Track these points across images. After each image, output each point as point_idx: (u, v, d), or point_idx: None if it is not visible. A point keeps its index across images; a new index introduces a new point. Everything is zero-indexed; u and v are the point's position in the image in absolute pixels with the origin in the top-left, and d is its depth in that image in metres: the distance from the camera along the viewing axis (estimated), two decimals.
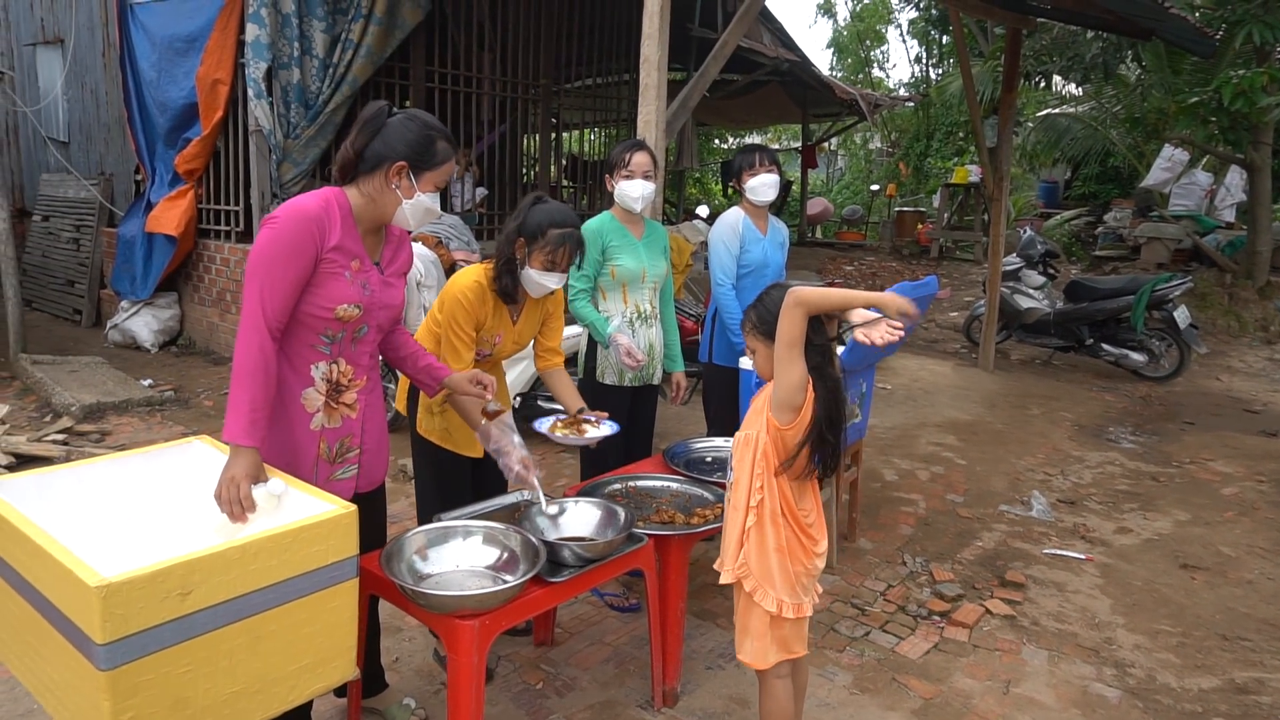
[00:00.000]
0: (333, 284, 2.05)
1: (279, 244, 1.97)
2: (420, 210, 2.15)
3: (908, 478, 5.05)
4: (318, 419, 2.16)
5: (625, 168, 3.23)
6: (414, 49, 7.45)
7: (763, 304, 2.24)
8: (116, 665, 1.46)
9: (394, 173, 2.09)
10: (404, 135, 2.09)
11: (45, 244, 9.26)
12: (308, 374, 2.13)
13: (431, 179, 2.13)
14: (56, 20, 9.15)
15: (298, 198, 2.06)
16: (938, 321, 9.81)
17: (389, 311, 2.24)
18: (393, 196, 2.11)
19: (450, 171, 2.20)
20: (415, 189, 2.11)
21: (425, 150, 2.10)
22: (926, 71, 21.26)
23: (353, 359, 2.19)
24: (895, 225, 14.01)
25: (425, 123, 2.14)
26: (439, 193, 2.19)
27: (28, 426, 5.24)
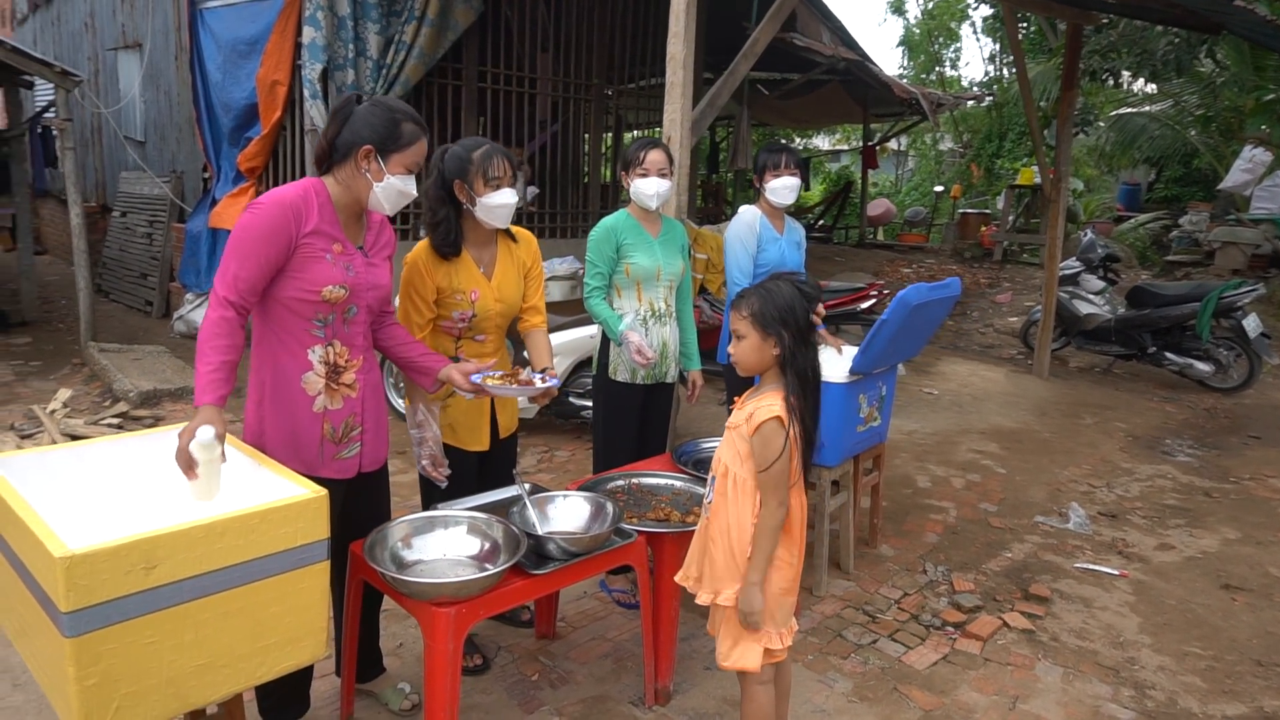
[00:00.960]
0: (315, 267, 2.12)
1: (256, 227, 2.05)
2: (392, 192, 2.19)
3: (941, 485, 4.93)
4: (320, 401, 2.23)
5: (640, 166, 3.23)
6: (467, 50, 7.57)
7: (766, 295, 2.16)
8: (80, 633, 1.54)
9: (362, 157, 2.15)
10: (369, 120, 2.15)
11: (123, 238, 9.71)
12: (305, 358, 2.20)
13: (400, 160, 2.17)
14: (135, 25, 9.58)
15: (279, 187, 2.14)
16: (995, 326, 9.55)
17: (376, 292, 2.29)
18: (364, 181, 2.16)
19: (421, 153, 2.22)
20: (384, 171, 2.16)
21: (391, 133, 2.15)
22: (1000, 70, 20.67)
23: (347, 340, 2.25)
24: (958, 227, 13.67)
25: (390, 107, 2.19)
26: (412, 175, 2.22)
27: (88, 410, 5.51)
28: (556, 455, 5.13)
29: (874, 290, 6.52)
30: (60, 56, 11.59)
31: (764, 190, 3.66)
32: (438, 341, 2.76)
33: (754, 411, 2.12)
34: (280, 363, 2.19)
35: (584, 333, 5.05)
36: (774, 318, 2.12)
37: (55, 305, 9.17)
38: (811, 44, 9.46)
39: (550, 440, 5.38)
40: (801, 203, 17.93)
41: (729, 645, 2.23)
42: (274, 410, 2.21)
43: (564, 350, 5.10)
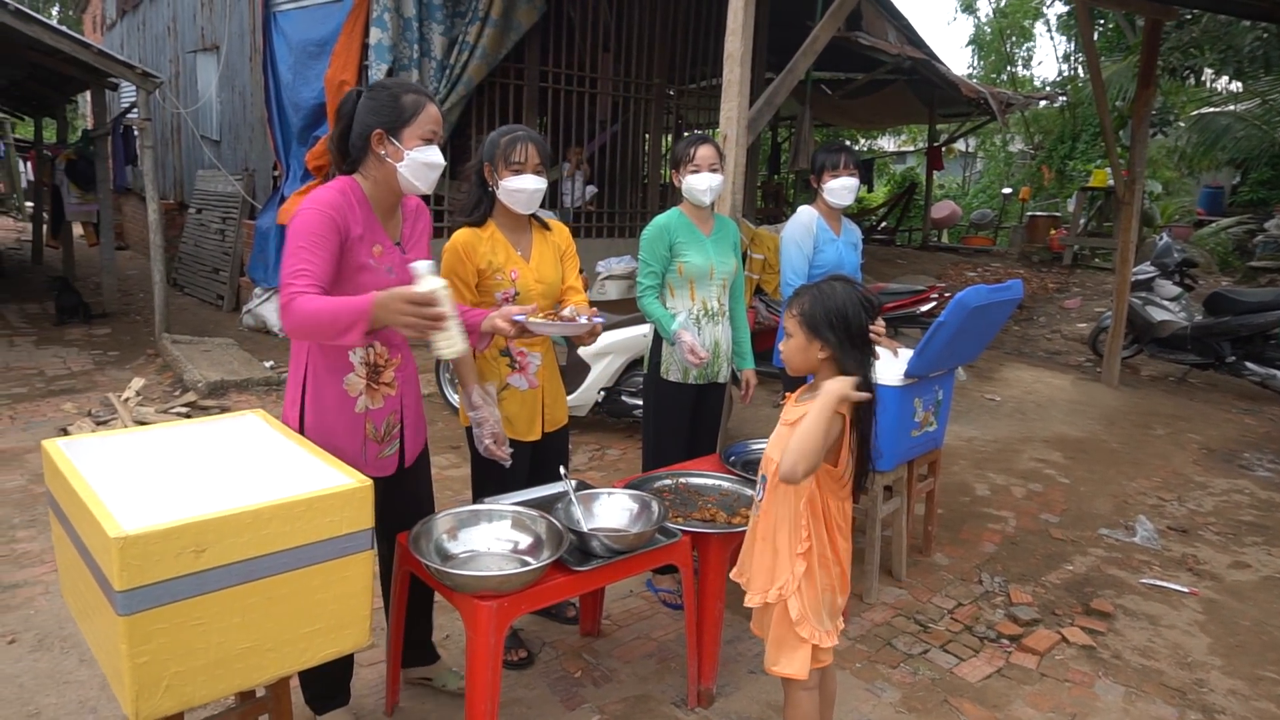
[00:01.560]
0: (359, 275, 2.14)
1: (315, 221, 2.06)
2: (417, 166, 2.15)
3: (1001, 493, 4.80)
4: (361, 401, 2.25)
5: (691, 162, 3.21)
6: (529, 49, 7.65)
7: (818, 296, 2.09)
8: (133, 611, 1.58)
9: (377, 143, 2.14)
10: (370, 107, 2.15)
11: (198, 234, 10.05)
12: (346, 360, 2.22)
13: (414, 132, 2.13)
14: (214, 28, 9.91)
15: (319, 189, 2.14)
16: (1063, 332, 9.26)
17: None
18: (388, 166, 2.15)
19: (434, 118, 2.16)
20: (401, 149, 2.13)
21: (392, 109, 2.13)
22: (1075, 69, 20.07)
23: (387, 340, 2.27)
24: (1026, 230, 13.30)
25: (384, 85, 2.18)
26: (432, 144, 2.16)
27: (159, 399, 5.71)
28: (608, 454, 5.14)
29: (934, 293, 6.38)
30: (144, 60, 12.07)
31: (822, 190, 3.61)
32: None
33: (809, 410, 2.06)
34: (321, 365, 2.20)
35: (637, 331, 5.05)
36: (822, 320, 2.06)
37: (134, 298, 9.54)
38: (877, 42, 9.32)
39: (602, 438, 5.39)
40: (864, 204, 17.68)
41: (775, 650, 2.19)
42: (315, 413, 2.22)
43: (617, 349, 5.11)
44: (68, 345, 7.34)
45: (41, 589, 3.26)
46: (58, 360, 6.79)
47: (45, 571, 3.39)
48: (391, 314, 1.91)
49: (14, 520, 3.85)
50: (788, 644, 2.17)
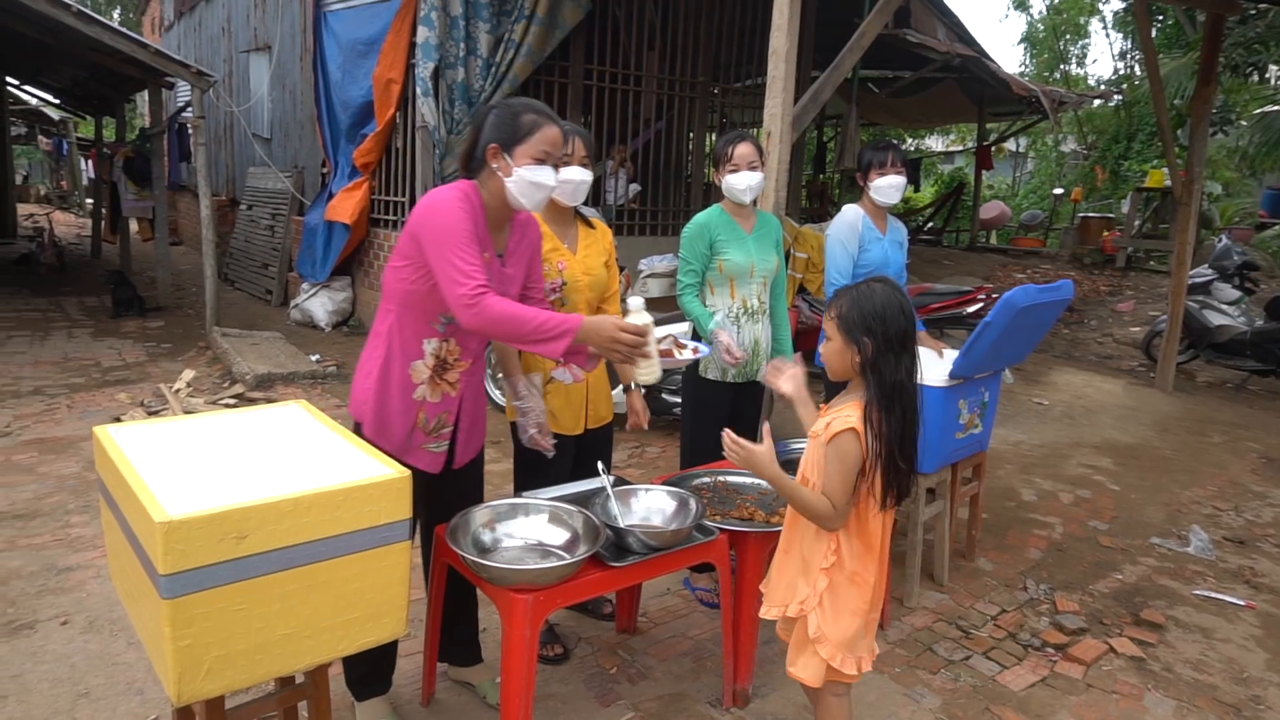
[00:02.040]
0: None
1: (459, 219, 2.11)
2: (524, 184, 2.18)
3: (1048, 499, 4.69)
4: (421, 390, 2.30)
5: (730, 161, 3.18)
6: (574, 47, 7.67)
7: (857, 298, 2.03)
8: (176, 595, 1.61)
9: (491, 157, 2.20)
10: (494, 121, 2.21)
11: (248, 230, 10.27)
12: (419, 348, 2.28)
13: (526, 151, 2.17)
14: (266, 28, 10.11)
15: (442, 188, 2.19)
16: (1115, 336, 9.04)
17: None
18: (498, 179, 2.20)
19: (550, 140, 2.20)
20: (511, 165, 2.18)
21: (511, 126, 2.18)
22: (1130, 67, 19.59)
23: (462, 341, 2.32)
24: (1078, 232, 13.00)
25: (510, 104, 2.23)
26: (544, 165, 2.19)
27: (208, 390, 5.84)
28: (647, 451, 5.13)
29: (982, 293, 6.26)
30: (199, 59, 12.35)
31: (868, 188, 3.56)
32: None
33: (832, 421, 2.01)
34: (396, 345, 2.28)
35: (677, 329, 5.03)
36: (858, 323, 1.99)
37: (186, 292, 9.77)
38: (925, 39, 9.18)
39: (641, 436, 5.38)
40: (911, 204, 17.44)
41: (795, 652, 2.14)
42: (380, 386, 2.30)
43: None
44: (123, 337, 7.54)
45: (93, 573, 3.35)
46: (113, 352, 6.98)
47: (97, 556, 3.48)
48: (602, 338, 2.06)
49: (69, 506, 3.96)
50: (807, 652, 2.10)
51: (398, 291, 2.26)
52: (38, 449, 4.67)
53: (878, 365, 1.98)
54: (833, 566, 2.05)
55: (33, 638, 2.88)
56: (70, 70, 10.13)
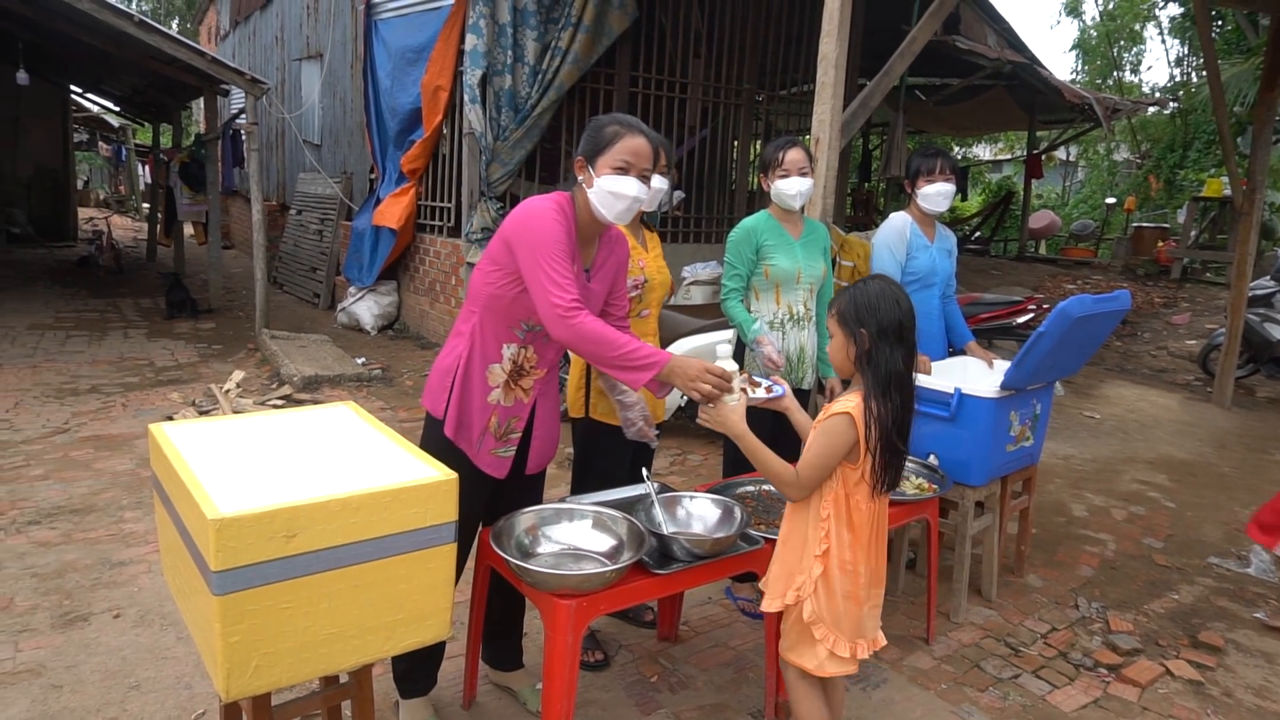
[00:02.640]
0: None
1: (556, 234, 2.13)
2: (604, 195, 2.19)
3: (1100, 515, 4.57)
4: (495, 394, 2.33)
5: (780, 166, 3.16)
6: (620, 54, 7.69)
7: (853, 292, 2.08)
8: (227, 592, 1.63)
9: (578, 170, 2.24)
10: (584, 136, 2.26)
11: (297, 234, 10.46)
12: (498, 352, 2.31)
13: (606, 162, 2.19)
14: (318, 37, 10.30)
15: (540, 198, 2.21)
16: (1169, 349, 8.80)
17: None
18: (584, 193, 2.23)
19: (633, 149, 2.19)
20: (594, 177, 2.19)
21: (594, 138, 2.22)
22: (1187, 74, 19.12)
23: (540, 350, 2.34)
24: (1131, 242, 12.71)
25: (598, 118, 2.27)
26: (625, 175, 2.19)
27: (257, 391, 5.94)
28: (689, 458, 5.10)
29: (1032, 304, 6.14)
30: (253, 67, 12.63)
31: (916, 196, 3.51)
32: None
33: (831, 406, 2.07)
34: (477, 346, 2.30)
35: (720, 336, 5.00)
36: (853, 315, 2.04)
37: (237, 295, 9.98)
38: (975, 46, 9.05)
39: (683, 443, 5.36)
40: (958, 213, 17.19)
41: (793, 639, 2.16)
42: (462, 386, 2.32)
43: (701, 354, 5.06)
44: (176, 338, 7.72)
45: (145, 568, 3.41)
46: (166, 352, 7.15)
47: (148, 551, 3.55)
48: (687, 377, 2.07)
49: (123, 501, 4.05)
50: (805, 639, 2.13)
51: (483, 294, 2.28)
52: (94, 445, 4.79)
53: (873, 355, 2.03)
54: (825, 553, 2.08)
55: (87, 630, 2.95)
56: (131, 78, 10.42)
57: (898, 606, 3.43)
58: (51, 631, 2.93)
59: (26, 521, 3.78)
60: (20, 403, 5.50)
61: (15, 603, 3.10)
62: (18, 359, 6.58)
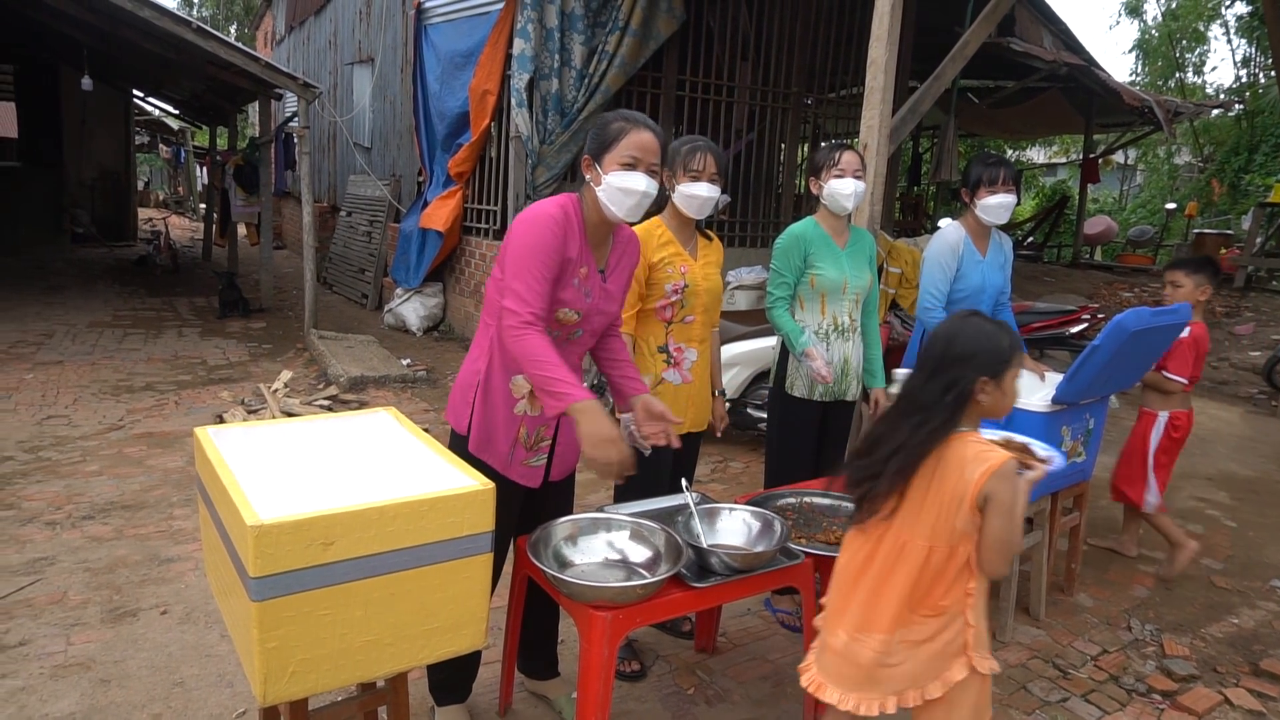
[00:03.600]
0: (562, 293, 2.19)
1: (541, 242, 2.11)
2: (613, 191, 2.16)
3: (1153, 533, 4.40)
4: (521, 405, 2.31)
5: (835, 166, 3.09)
6: (667, 58, 7.67)
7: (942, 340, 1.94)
8: (265, 598, 1.64)
9: (586, 169, 2.22)
10: (590, 135, 2.23)
11: (346, 236, 10.62)
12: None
13: (613, 158, 2.16)
14: (370, 41, 10.46)
15: (543, 202, 2.19)
16: (1231, 361, 8.51)
17: (604, 317, 2.35)
18: (593, 192, 2.21)
19: (638, 145, 2.16)
20: (601, 174, 2.17)
21: (600, 136, 2.19)
22: (1254, 75, 18.50)
23: (564, 356, 2.27)
24: (1192, 249, 12.32)
25: (605, 115, 2.24)
26: (634, 170, 2.16)
27: (304, 391, 6.04)
28: (731, 466, 5.06)
29: (1086, 313, 5.98)
30: (307, 71, 12.89)
31: (975, 206, 3.41)
32: (648, 328, 2.86)
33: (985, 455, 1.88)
34: (497, 359, 2.28)
35: (765, 343, 4.96)
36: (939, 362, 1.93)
37: (287, 295, 10.17)
38: (1030, 48, 8.86)
39: (725, 451, 5.32)
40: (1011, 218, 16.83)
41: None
42: (484, 401, 2.31)
43: (745, 360, 5.03)
44: (227, 337, 7.89)
45: (192, 565, 3.48)
46: (218, 351, 7.30)
47: (196, 549, 3.62)
48: (592, 434, 2.00)
49: (172, 499, 4.14)
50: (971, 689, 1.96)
51: (497, 304, 2.25)
52: (147, 443, 4.91)
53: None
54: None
55: (135, 625, 3.01)
56: (190, 83, 10.68)
57: None
58: (101, 626, 3.00)
59: (81, 516, 3.88)
60: (79, 399, 5.66)
61: (68, 596, 3.18)
62: (78, 356, 6.78)
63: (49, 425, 5.11)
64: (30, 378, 6.08)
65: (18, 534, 3.67)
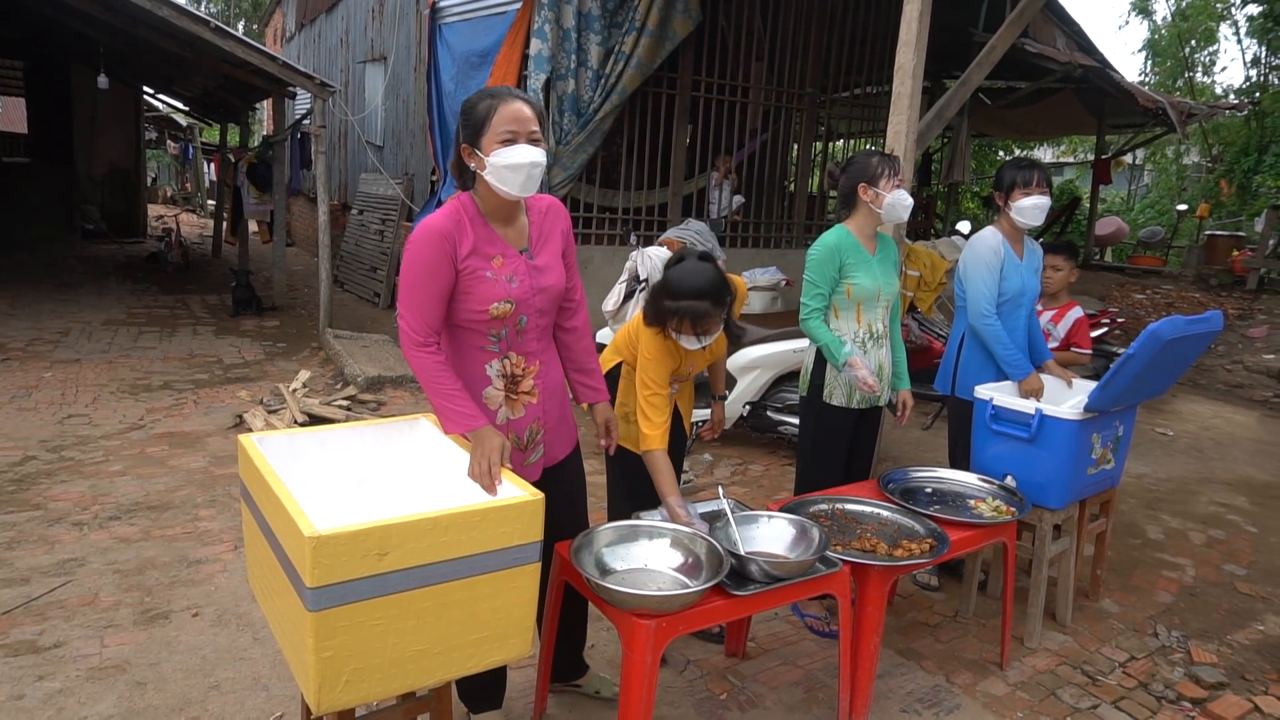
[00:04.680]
0: (479, 287, 2.14)
1: (420, 262, 2.10)
2: (500, 171, 2.07)
3: (1177, 538, 4.42)
4: (502, 413, 2.27)
5: (896, 177, 3.10)
6: (682, 58, 7.66)
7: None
8: (321, 608, 1.65)
9: (466, 157, 2.14)
10: (461, 124, 2.14)
11: (358, 234, 10.63)
12: (484, 374, 2.24)
13: (491, 138, 2.07)
14: (383, 40, 10.45)
15: (429, 216, 2.15)
16: (1245, 364, 8.49)
17: (545, 295, 2.25)
18: (481, 180, 2.13)
19: (509, 117, 2.06)
20: (483, 158, 2.08)
21: (470, 120, 2.10)
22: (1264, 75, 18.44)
23: (521, 349, 2.26)
24: (1204, 250, 12.28)
25: (468, 99, 2.15)
26: (515, 143, 2.07)
27: (322, 391, 6.05)
28: (751, 469, 5.06)
29: (1106, 318, 5.97)
30: (318, 69, 12.87)
31: (1009, 209, 3.40)
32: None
33: None
34: (463, 381, 2.20)
35: (784, 347, 4.96)
36: None
37: (299, 293, 10.18)
38: (1044, 49, 8.84)
39: (745, 453, 5.32)
40: None
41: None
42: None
43: (764, 364, 5.03)
44: (242, 335, 7.90)
45: (221, 566, 3.49)
46: (234, 349, 7.32)
47: (224, 550, 3.63)
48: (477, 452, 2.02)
49: (197, 500, 4.15)
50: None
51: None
52: (168, 443, 4.92)
53: None
54: None
55: (167, 628, 3.02)
56: (202, 80, 10.69)
57: (969, 629, 3.36)
58: (134, 628, 3.01)
59: (108, 517, 3.89)
60: (98, 398, 5.68)
61: (100, 598, 3.20)
62: (94, 354, 6.79)
63: (70, 424, 5.13)
64: (49, 376, 6.10)
65: (46, 534, 3.68)
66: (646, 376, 2.63)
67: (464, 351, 2.22)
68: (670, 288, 2.54)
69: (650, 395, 2.62)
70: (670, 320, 2.56)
